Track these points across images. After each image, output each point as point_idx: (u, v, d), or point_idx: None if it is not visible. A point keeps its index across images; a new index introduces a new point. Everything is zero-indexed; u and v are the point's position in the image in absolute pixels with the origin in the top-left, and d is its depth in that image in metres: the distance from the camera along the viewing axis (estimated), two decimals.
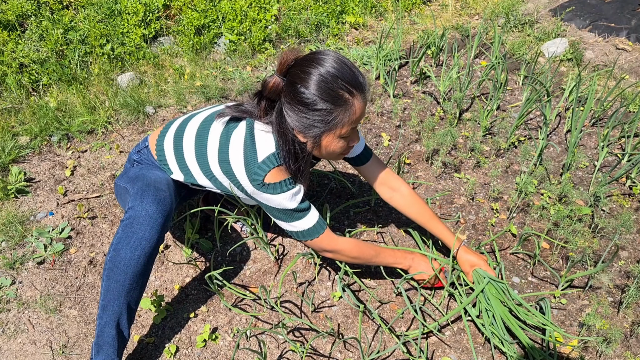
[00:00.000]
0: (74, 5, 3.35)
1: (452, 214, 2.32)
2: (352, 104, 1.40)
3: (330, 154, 1.53)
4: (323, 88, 1.36)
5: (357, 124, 1.47)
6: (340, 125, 1.42)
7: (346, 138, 1.49)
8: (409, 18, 4.06)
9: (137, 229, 1.44)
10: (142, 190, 1.52)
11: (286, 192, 1.53)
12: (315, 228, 1.61)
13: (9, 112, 2.76)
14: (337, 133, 1.45)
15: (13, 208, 2.27)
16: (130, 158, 1.84)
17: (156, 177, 1.62)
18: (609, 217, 2.30)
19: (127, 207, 1.50)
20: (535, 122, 2.93)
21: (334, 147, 1.49)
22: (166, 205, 1.50)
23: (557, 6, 4.01)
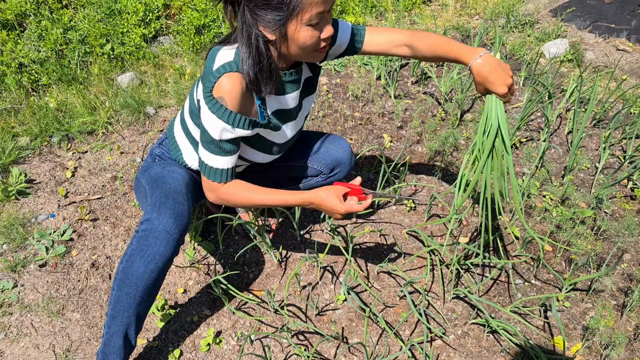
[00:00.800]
0: (73, 5, 3.33)
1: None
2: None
3: (304, 48, 1.37)
4: None
5: (323, 8, 1.31)
6: (301, 6, 1.28)
7: (316, 26, 1.34)
8: (410, 18, 4.05)
9: (153, 242, 1.42)
10: (160, 201, 1.50)
11: (223, 120, 1.42)
12: (219, 173, 1.53)
13: (9, 112, 2.74)
14: (302, 18, 1.30)
15: (14, 210, 2.25)
16: (152, 152, 1.84)
17: (176, 183, 1.60)
18: (612, 219, 2.30)
19: (144, 216, 1.48)
20: (536, 123, 2.93)
21: (303, 37, 1.34)
22: (183, 220, 1.49)
23: (558, 7, 4.01)
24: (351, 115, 2.95)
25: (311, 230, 2.23)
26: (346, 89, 3.17)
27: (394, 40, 1.62)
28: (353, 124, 2.88)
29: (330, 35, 1.37)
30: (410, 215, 2.32)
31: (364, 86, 3.20)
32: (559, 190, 2.40)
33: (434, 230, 2.25)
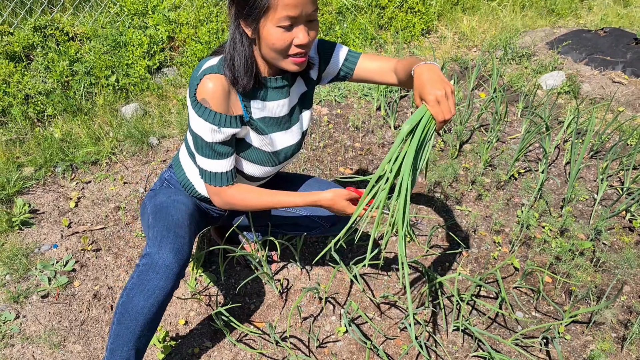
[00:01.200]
0: (79, 37, 3.40)
1: (454, 247, 2.34)
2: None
3: (274, 50, 1.38)
4: None
5: (293, 13, 1.31)
6: (272, 6, 1.29)
7: (288, 29, 1.34)
8: (409, 50, 4.13)
9: (153, 277, 1.44)
10: (161, 235, 1.52)
11: (209, 122, 1.45)
12: (218, 177, 1.55)
13: (14, 142, 2.78)
14: (272, 18, 1.31)
15: (17, 240, 2.27)
16: (161, 176, 1.87)
17: (178, 215, 1.62)
18: (611, 251, 2.32)
19: (145, 250, 1.50)
20: (534, 153, 2.97)
21: (273, 38, 1.34)
22: (183, 255, 1.51)
23: (554, 39, 4.09)
24: (351, 146, 2.98)
25: (312, 261, 2.24)
26: (346, 119, 3.22)
27: (383, 67, 1.64)
28: (353, 154, 2.91)
29: (304, 44, 1.37)
30: (411, 245, 2.34)
31: (364, 117, 3.24)
32: (557, 221, 2.42)
33: (434, 261, 2.27)
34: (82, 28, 3.47)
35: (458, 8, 4.73)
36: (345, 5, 4.24)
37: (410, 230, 1.42)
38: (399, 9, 4.40)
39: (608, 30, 4.09)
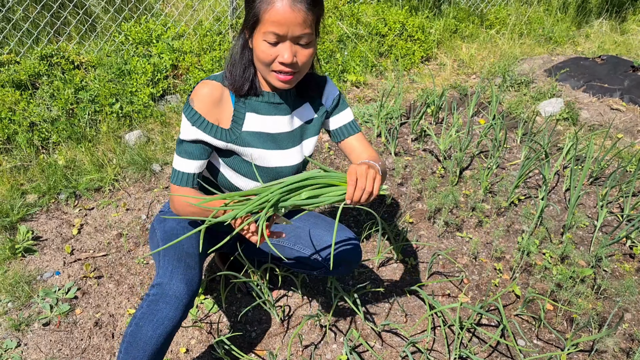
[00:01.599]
0: (85, 66, 3.46)
1: (455, 273, 2.34)
2: (274, 0, 1.35)
3: (258, 60, 1.45)
4: None
5: (277, 30, 1.36)
6: (261, 19, 1.37)
7: (273, 45, 1.39)
8: (409, 77, 4.19)
9: (163, 307, 1.44)
10: (172, 265, 1.52)
11: (186, 118, 1.51)
12: (179, 175, 1.58)
13: (19, 170, 2.81)
14: (260, 31, 1.39)
15: (20, 267, 2.28)
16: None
17: (189, 244, 1.64)
18: (611, 278, 2.32)
19: (155, 279, 1.51)
20: (534, 180, 2.99)
21: (259, 50, 1.41)
22: (194, 285, 1.51)
23: (552, 67, 4.15)
24: None
25: (314, 289, 2.24)
26: None
27: (362, 155, 1.72)
28: None
29: (287, 63, 1.41)
30: (412, 272, 2.35)
31: None
32: (558, 248, 2.43)
33: (434, 288, 2.27)
34: (88, 56, 3.54)
35: (457, 36, 4.81)
36: (346, 33, 4.32)
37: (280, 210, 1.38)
38: (398, 37, 4.47)
39: (605, 57, 4.15)
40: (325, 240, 1.81)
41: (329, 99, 1.72)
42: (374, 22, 4.46)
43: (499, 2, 5.60)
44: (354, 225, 2.61)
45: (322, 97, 1.72)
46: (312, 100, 1.70)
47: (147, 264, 2.34)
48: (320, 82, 1.71)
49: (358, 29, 4.40)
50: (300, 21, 1.36)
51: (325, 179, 1.37)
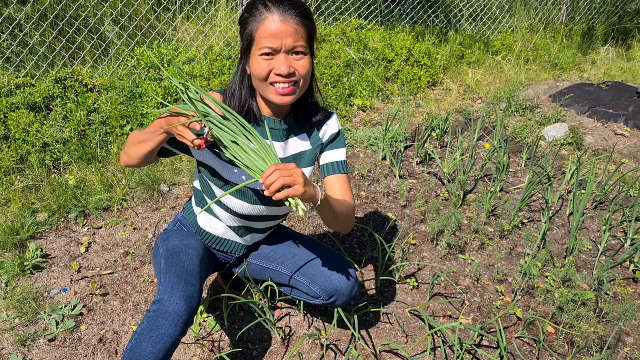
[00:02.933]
0: (97, 88, 3.56)
1: (457, 295, 2.35)
2: (265, 16, 1.42)
3: (256, 76, 1.49)
4: (250, 4, 1.47)
5: (270, 43, 1.43)
6: (255, 37, 1.44)
7: (268, 57, 1.45)
8: (414, 101, 4.24)
9: (162, 323, 1.47)
10: (173, 282, 1.56)
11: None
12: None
13: (30, 189, 2.88)
14: (255, 48, 1.45)
15: (28, 284, 2.33)
16: (176, 217, 1.93)
17: (190, 261, 1.67)
18: (613, 301, 2.32)
19: (156, 296, 1.54)
20: (538, 203, 3.01)
21: (255, 66, 1.47)
22: (193, 302, 1.55)
23: (557, 92, 4.19)
24: (357, 194, 3.05)
25: (315, 308, 2.26)
26: (352, 168, 3.29)
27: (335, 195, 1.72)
28: (359, 203, 2.97)
29: (283, 73, 1.45)
30: (413, 293, 2.36)
31: (369, 166, 3.32)
32: (560, 271, 2.43)
33: (435, 309, 2.28)
34: (100, 80, 3.64)
35: (463, 62, 4.88)
36: (353, 58, 4.40)
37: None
38: (405, 62, 4.55)
39: (610, 83, 4.19)
40: (322, 270, 1.83)
41: (327, 133, 1.74)
42: (381, 48, 4.54)
43: (505, 28, 5.69)
44: (357, 246, 2.64)
45: (321, 131, 1.74)
46: (310, 132, 1.73)
47: (151, 282, 2.38)
48: (324, 116, 1.73)
49: (365, 54, 4.49)
50: (291, 32, 1.43)
51: (265, 150, 1.43)
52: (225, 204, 1.73)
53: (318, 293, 1.84)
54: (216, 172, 1.67)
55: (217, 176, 1.68)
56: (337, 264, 1.84)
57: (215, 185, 1.70)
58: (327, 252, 1.90)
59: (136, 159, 1.61)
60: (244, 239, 1.88)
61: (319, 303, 1.88)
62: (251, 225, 1.82)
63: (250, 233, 1.86)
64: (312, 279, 1.84)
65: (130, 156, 1.62)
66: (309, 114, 1.68)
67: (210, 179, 1.70)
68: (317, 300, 1.88)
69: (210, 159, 1.66)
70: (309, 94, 1.65)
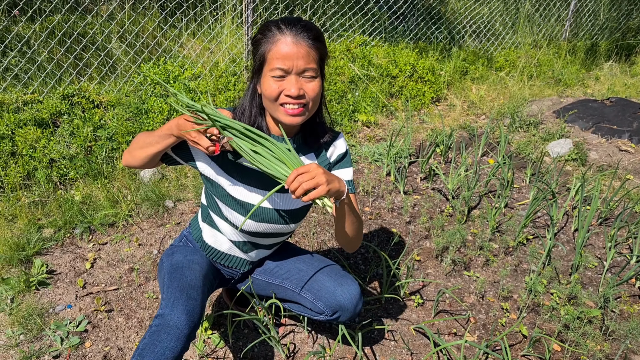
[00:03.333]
0: (104, 105, 3.59)
1: (462, 312, 2.34)
2: (277, 38, 1.46)
3: (266, 96, 1.51)
4: (264, 26, 1.50)
5: (282, 65, 1.46)
6: (267, 58, 1.47)
7: (279, 79, 1.48)
8: (419, 117, 4.26)
9: (164, 337, 1.48)
10: (174, 296, 1.57)
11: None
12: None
13: (36, 205, 2.90)
14: (267, 69, 1.48)
15: (33, 300, 2.34)
16: (182, 232, 1.94)
17: (192, 276, 1.68)
18: (620, 318, 2.30)
19: (158, 310, 1.55)
20: (543, 220, 3.00)
21: (266, 86, 1.49)
22: (195, 317, 1.55)
23: (561, 108, 4.20)
24: (362, 210, 3.05)
25: (319, 325, 2.26)
26: (357, 184, 3.30)
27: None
28: (363, 219, 2.97)
29: (293, 95, 1.48)
30: (418, 310, 2.35)
31: (374, 182, 3.33)
32: (566, 288, 2.42)
33: (440, 327, 2.27)
34: (107, 96, 3.67)
35: (467, 77, 4.90)
36: (357, 75, 4.43)
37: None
38: (409, 78, 4.57)
39: (614, 100, 4.20)
40: (327, 286, 1.83)
41: (335, 154, 1.76)
42: (385, 64, 4.58)
43: (508, 45, 5.72)
44: (362, 262, 2.64)
45: (329, 151, 1.75)
46: (318, 152, 1.74)
47: (156, 298, 2.38)
48: (332, 137, 1.75)
49: (369, 70, 4.52)
50: (303, 54, 1.46)
51: (284, 154, 1.46)
52: (230, 220, 1.74)
53: (322, 309, 1.84)
54: (220, 187, 1.68)
55: (221, 191, 1.69)
56: (341, 280, 1.84)
57: (219, 200, 1.71)
58: (331, 268, 1.90)
59: (140, 160, 1.64)
60: (249, 255, 1.88)
61: (323, 319, 1.87)
62: (256, 241, 1.82)
63: (255, 249, 1.87)
64: (317, 295, 1.84)
65: (134, 156, 1.65)
66: (317, 135, 1.70)
67: (214, 193, 1.71)
68: (321, 317, 1.87)
69: (213, 173, 1.67)
70: (318, 115, 1.67)
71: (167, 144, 1.56)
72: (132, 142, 1.66)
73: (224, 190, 1.68)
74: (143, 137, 1.63)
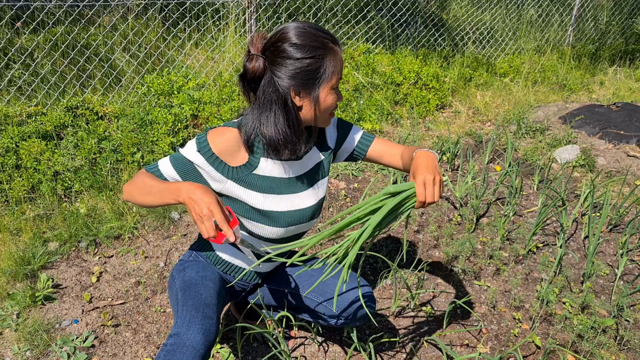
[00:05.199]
0: (108, 116, 3.58)
1: (473, 323, 2.31)
2: (337, 52, 1.47)
3: (328, 109, 1.53)
4: (309, 37, 1.44)
5: (341, 75, 1.52)
6: (332, 73, 1.47)
7: (336, 91, 1.53)
8: (424, 125, 4.24)
9: (180, 357, 1.45)
10: (190, 315, 1.54)
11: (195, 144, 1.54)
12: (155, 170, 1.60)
13: (41, 218, 2.88)
14: (331, 83, 1.49)
15: (39, 316, 2.31)
16: (191, 247, 1.91)
17: (207, 294, 1.65)
18: (634, 328, 2.27)
19: (173, 329, 1.52)
20: (552, 227, 2.97)
21: (330, 100, 1.51)
22: (211, 336, 1.52)
23: (566, 114, 4.17)
24: None
25: (330, 338, 2.23)
26: (363, 193, 3.27)
27: (392, 151, 1.77)
28: None
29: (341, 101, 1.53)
30: (429, 321, 2.32)
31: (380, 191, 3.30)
32: (578, 297, 2.39)
33: (453, 338, 2.24)
34: (111, 107, 3.66)
35: (471, 84, 4.88)
36: (362, 82, 4.42)
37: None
38: (413, 85, 4.56)
39: (620, 104, 4.17)
40: (340, 291, 1.81)
41: (332, 136, 1.77)
42: (389, 72, 4.56)
43: (512, 50, 5.70)
44: (370, 273, 2.61)
45: (327, 138, 1.76)
46: (320, 143, 1.75)
47: (163, 312, 2.36)
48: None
49: (374, 78, 4.50)
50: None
51: (394, 188, 1.44)
52: (254, 232, 1.71)
53: (336, 313, 1.83)
54: (243, 203, 1.66)
55: (244, 206, 1.66)
56: (353, 283, 1.83)
57: (238, 213, 1.68)
58: (341, 272, 1.88)
59: (139, 204, 1.57)
60: (263, 265, 1.86)
61: (338, 324, 1.86)
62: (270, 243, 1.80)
63: (270, 260, 1.84)
64: (330, 299, 1.83)
65: (133, 197, 1.56)
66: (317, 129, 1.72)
67: (232, 208, 1.68)
68: (334, 321, 1.86)
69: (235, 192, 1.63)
70: None
71: (168, 203, 1.48)
72: (136, 181, 1.57)
73: (247, 205, 1.65)
74: (148, 183, 1.53)
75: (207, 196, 1.39)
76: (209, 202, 1.38)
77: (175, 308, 1.65)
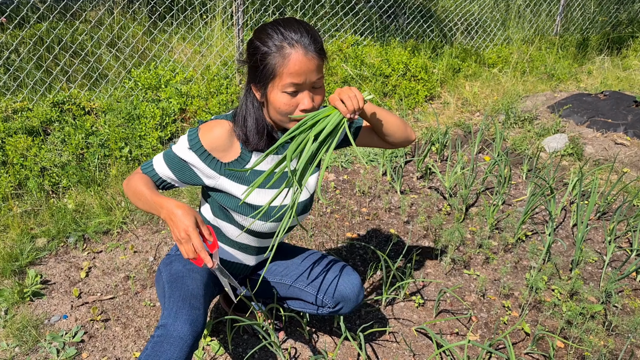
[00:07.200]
0: (95, 111, 3.55)
1: (463, 311, 2.32)
2: (288, 52, 1.40)
3: (279, 112, 1.48)
4: (265, 34, 1.43)
5: (297, 80, 1.42)
6: (278, 73, 1.41)
7: (293, 95, 1.45)
8: (413, 116, 4.24)
9: (167, 348, 1.44)
10: (177, 306, 1.53)
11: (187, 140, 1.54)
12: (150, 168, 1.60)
13: (29, 214, 2.86)
14: (278, 84, 1.43)
15: (28, 312, 2.29)
16: None
17: (194, 285, 1.65)
18: (622, 314, 2.29)
19: (160, 321, 1.52)
20: (541, 216, 2.99)
21: (279, 103, 1.45)
22: (198, 326, 1.52)
23: (555, 103, 4.19)
24: (358, 211, 3.02)
25: (320, 329, 2.23)
26: (353, 185, 3.27)
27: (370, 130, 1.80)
28: (360, 220, 2.95)
29: (309, 109, 1.47)
30: (419, 311, 2.33)
31: (370, 182, 3.30)
32: (567, 284, 2.40)
33: (442, 327, 2.25)
34: (98, 102, 3.63)
35: (460, 75, 4.89)
36: (350, 75, 4.41)
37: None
38: (402, 77, 4.56)
39: (608, 93, 4.19)
40: (327, 277, 1.81)
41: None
42: (378, 63, 4.56)
43: (500, 41, 5.71)
44: (360, 264, 2.61)
45: None
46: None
47: (153, 306, 2.35)
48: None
49: (362, 70, 4.49)
50: (314, 68, 1.43)
51: (312, 118, 1.44)
52: (243, 225, 1.71)
53: (325, 301, 1.83)
54: (234, 197, 1.65)
55: (235, 200, 1.65)
56: (341, 271, 1.83)
57: (230, 208, 1.67)
58: (330, 260, 1.90)
59: (133, 204, 1.58)
60: (252, 258, 1.86)
61: (326, 312, 1.86)
62: (263, 244, 1.80)
63: (259, 254, 1.84)
64: (318, 287, 1.83)
65: (129, 197, 1.57)
66: None
67: (224, 202, 1.67)
68: (323, 310, 1.87)
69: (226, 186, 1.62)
70: None
71: (153, 213, 1.47)
72: (130, 183, 1.57)
73: (239, 200, 1.64)
74: (138, 187, 1.52)
75: (187, 218, 1.37)
76: (187, 225, 1.37)
77: (162, 301, 1.65)
